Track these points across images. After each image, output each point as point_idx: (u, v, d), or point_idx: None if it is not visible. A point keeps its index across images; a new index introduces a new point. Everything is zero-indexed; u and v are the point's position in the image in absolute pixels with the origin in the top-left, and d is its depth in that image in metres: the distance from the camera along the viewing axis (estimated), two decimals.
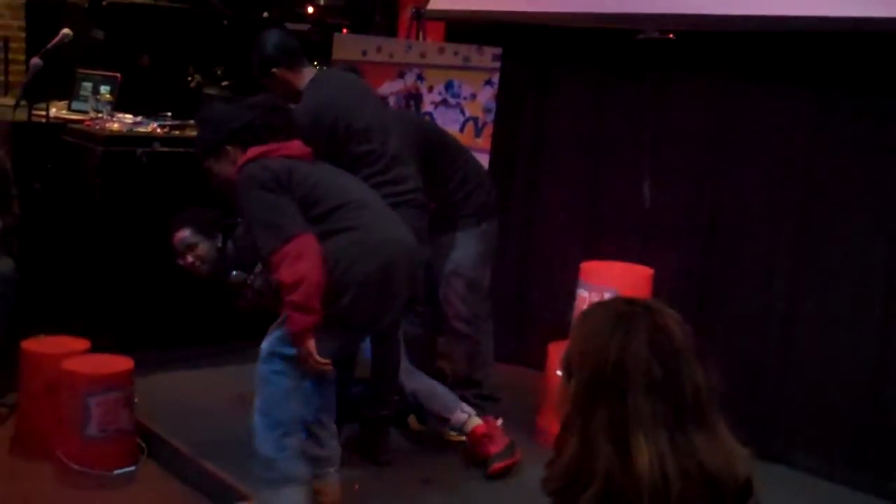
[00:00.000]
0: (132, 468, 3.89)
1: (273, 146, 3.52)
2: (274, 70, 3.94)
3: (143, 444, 4.02)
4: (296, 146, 3.60)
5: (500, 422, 4.33)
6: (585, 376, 1.62)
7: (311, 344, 3.27)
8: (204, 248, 4.01)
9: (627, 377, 1.57)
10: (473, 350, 4.32)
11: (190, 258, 4.02)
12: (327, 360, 3.32)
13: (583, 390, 1.62)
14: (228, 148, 3.56)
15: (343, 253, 3.33)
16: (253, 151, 3.49)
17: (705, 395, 1.60)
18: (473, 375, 4.34)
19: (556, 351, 4.26)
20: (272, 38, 4.00)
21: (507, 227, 5.18)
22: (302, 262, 3.23)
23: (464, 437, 4.11)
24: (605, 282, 4.20)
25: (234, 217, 3.98)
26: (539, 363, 4.58)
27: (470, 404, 4.30)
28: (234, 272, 4.05)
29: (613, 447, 1.56)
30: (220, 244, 4.04)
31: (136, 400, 4.02)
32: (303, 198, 3.39)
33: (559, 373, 1.73)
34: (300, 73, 3.96)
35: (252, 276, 4.02)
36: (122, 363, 3.96)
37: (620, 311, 1.65)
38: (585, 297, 4.20)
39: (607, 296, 4.07)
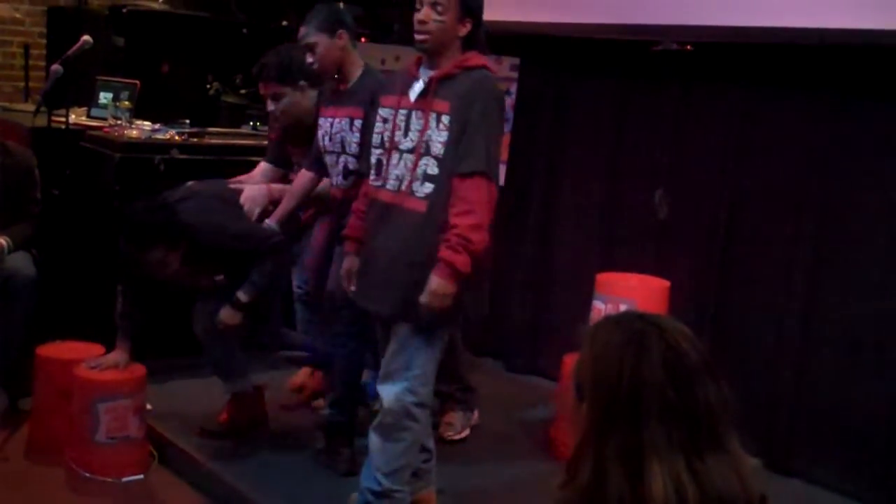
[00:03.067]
0: (140, 476, 3.90)
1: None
2: (341, 31, 3.82)
3: (155, 452, 4.02)
4: None
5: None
6: (598, 401, 1.60)
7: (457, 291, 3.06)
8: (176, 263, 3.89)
9: (641, 403, 1.55)
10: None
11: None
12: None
13: (596, 415, 1.59)
14: (470, 21, 3.18)
15: None
16: (489, 62, 3.25)
17: (719, 414, 1.57)
18: (458, 370, 4.32)
19: (572, 363, 4.22)
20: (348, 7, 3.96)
21: (523, 237, 5.18)
22: (491, 215, 3.08)
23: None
24: (621, 293, 4.17)
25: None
26: (554, 374, 4.56)
27: (455, 400, 4.32)
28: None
29: (626, 475, 1.53)
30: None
31: (149, 407, 4.04)
32: None
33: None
34: (353, 52, 3.90)
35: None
36: (134, 370, 3.97)
37: (632, 329, 1.62)
38: (601, 308, 4.18)
39: (623, 307, 4.05)
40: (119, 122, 5.18)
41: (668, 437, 1.53)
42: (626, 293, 4.17)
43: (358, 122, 3.76)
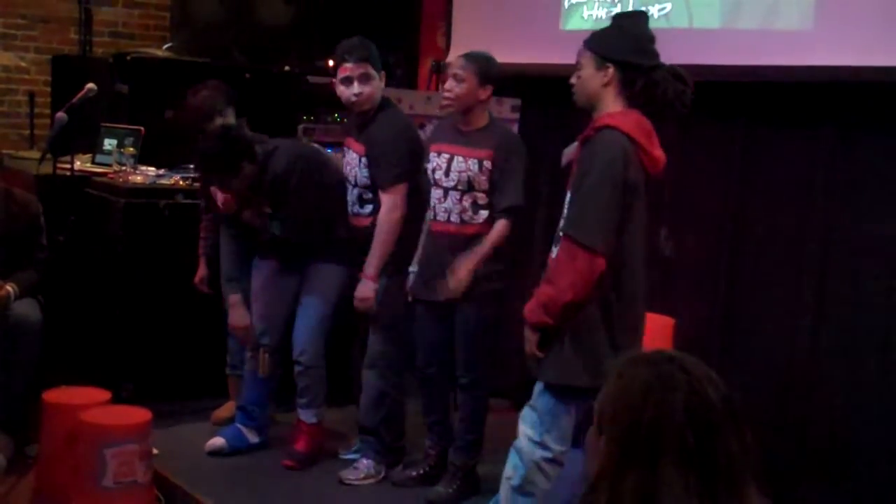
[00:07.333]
0: None
1: (646, 136, 3.18)
2: (488, 85, 4.07)
3: (161, 496, 4.01)
4: (662, 158, 3.28)
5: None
6: (617, 436, 1.60)
7: (536, 338, 3.20)
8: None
9: (660, 444, 1.55)
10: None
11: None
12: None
13: (614, 451, 1.59)
14: (611, 66, 3.16)
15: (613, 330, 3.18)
16: (628, 119, 3.16)
17: (738, 465, 1.57)
18: (398, 422, 4.44)
19: None
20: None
21: (526, 274, 5.18)
22: (574, 276, 3.07)
23: None
24: None
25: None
26: None
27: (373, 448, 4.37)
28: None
29: None
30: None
31: (155, 451, 4.03)
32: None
33: None
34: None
35: None
36: (140, 415, 3.96)
37: (660, 370, 1.61)
38: None
39: None
40: (124, 168, 5.21)
41: (685, 481, 1.53)
42: None
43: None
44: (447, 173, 4.05)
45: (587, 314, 3.15)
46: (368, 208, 4.22)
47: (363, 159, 4.17)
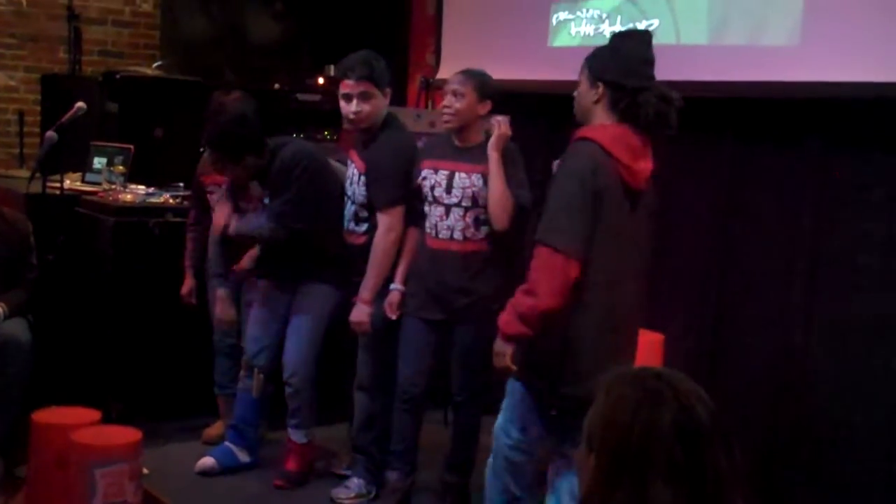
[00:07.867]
0: None
1: (627, 149, 3.18)
2: (488, 101, 4.11)
3: None
4: (644, 172, 3.25)
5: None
6: (606, 454, 1.60)
7: (511, 350, 3.19)
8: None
9: (649, 461, 1.55)
10: None
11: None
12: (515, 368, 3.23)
13: (603, 468, 1.60)
14: (601, 85, 3.22)
15: (589, 331, 3.18)
16: (605, 132, 3.19)
17: (727, 480, 1.58)
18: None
19: None
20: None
21: (515, 287, 5.19)
22: (552, 282, 3.07)
23: None
24: None
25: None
26: None
27: (364, 466, 4.36)
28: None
29: None
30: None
31: (145, 471, 4.02)
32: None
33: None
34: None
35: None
36: (130, 435, 3.94)
37: (647, 387, 1.62)
38: None
39: None
40: (113, 186, 5.21)
41: (674, 498, 1.54)
42: None
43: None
44: (448, 190, 4.02)
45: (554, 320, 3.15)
46: (363, 227, 4.21)
47: (363, 177, 4.16)
